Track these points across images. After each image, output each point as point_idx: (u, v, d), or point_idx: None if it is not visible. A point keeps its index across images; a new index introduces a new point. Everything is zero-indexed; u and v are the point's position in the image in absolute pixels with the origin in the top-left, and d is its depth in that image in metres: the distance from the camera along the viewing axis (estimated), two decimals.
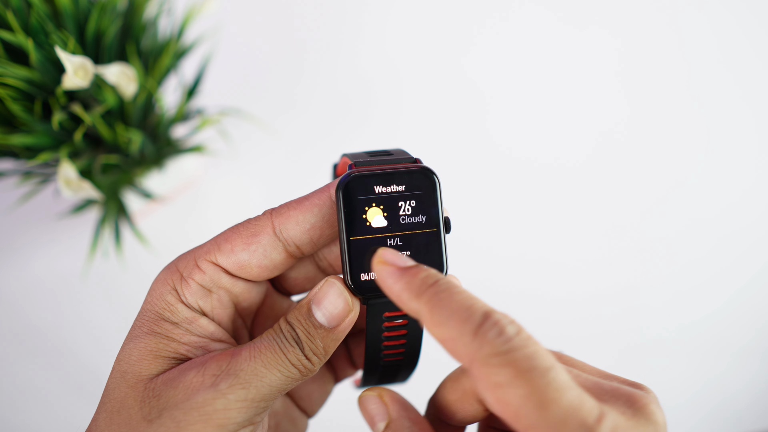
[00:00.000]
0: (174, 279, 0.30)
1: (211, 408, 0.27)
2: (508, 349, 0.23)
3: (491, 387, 0.23)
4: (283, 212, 0.30)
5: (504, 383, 0.23)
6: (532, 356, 0.23)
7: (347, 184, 0.30)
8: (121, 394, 0.29)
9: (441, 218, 0.31)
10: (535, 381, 0.23)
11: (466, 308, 0.25)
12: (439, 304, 0.25)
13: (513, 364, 0.23)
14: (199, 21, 0.66)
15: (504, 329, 0.24)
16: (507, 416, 0.23)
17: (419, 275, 0.27)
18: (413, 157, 0.32)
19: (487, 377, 0.24)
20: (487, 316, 0.24)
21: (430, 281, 0.26)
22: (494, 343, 0.24)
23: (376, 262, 0.28)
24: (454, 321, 0.25)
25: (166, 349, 0.29)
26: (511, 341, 0.24)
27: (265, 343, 0.29)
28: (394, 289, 0.27)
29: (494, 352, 0.23)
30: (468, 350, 0.24)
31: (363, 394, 0.31)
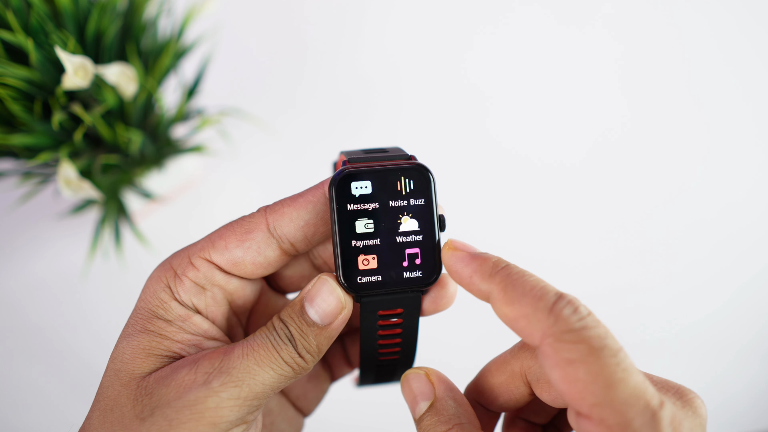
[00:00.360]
0: (168, 276, 0.30)
1: (203, 406, 0.27)
2: (582, 326, 0.24)
3: (562, 363, 0.24)
4: (277, 209, 0.30)
5: (576, 359, 0.24)
6: (604, 336, 0.24)
7: (340, 181, 0.30)
8: (114, 393, 0.29)
9: (435, 215, 0.30)
10: (606, 360, 0.24)
11: (540, 288, 0.26)
12: (513, 284, 0.27)
13: (587, 341, 0.24)
14: (199, 21, 0.66)
15: (578, 308, 0.25)
16: (572, 393, 0.24)
17: (491, 259, 0.28)
18: (408, 154, 0.31)
19: (558, 353, 0.24)
20: (561, 296, 0.26)
21: (502, 264, 0.28)
22: (569, 320, 0.25)
23: (446, 248, 0.29)
24: (528, 298, 0.26)
25: (159, 347, 0.29)
26: (585, 320, 0.25)
27: (258, 341, 0.29)
28: (465, 273, 0.28)
29: (568, 328, 0.24)
30: (542, 326, 0.25)
31: (409, 372, 0.31)
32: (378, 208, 0.30)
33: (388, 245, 0.30)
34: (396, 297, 0.30)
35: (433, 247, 0.30)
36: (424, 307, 0.32)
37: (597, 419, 0.24)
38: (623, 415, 0.23)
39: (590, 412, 0.24)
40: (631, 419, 0.23)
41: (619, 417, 0.23)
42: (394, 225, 0.30)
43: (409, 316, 0.31)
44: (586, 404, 0.24)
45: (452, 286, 0.32)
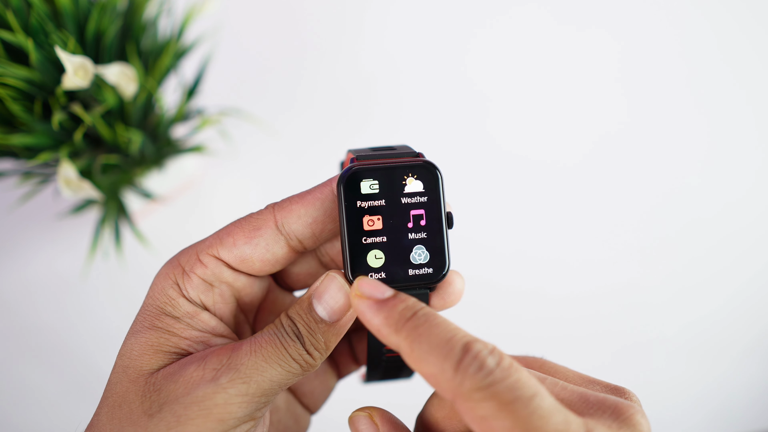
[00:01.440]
0: (176, 273, 0.30)
1: (211, 402, 0.27)
2: (489, 382, 0.23)
3: (477, 420, 0.23)
4: (286, 206, 0.30)
5: (489, 416, 0.23)
6: (514, 387, 0.23)
7: (349, 178, 0.30)
8: (122, 389, 0.29)
9: (443, 213, 0.31)
10: (519, 412, 0.23)
11: (445, 342, 0.25)
12: (418, 339, 0.25)
13: (495, 397, 0.23)
14: (199, 21, 0.66)
15: (484, 362, 0.24)
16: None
17: (397, 307, 0.27)
18: (416, 152, 0.32)
19: (471, 411, 0.24)
20: (467, 349, 0.24)
21: (408, 314, 0.26)
22: (475, 378, 0.23)
23: (353, 295, 0.28)
24: (434, 357, 0.25)
25: (167, 343, 0.29)
26: (493, 374, 0.24)
27: (266, 338, 0.29)
28: (374, 324, 0.27)
29: (476, 386, 0.23)
30: (450, 386, 0.24)
31: (353, 415, 0.30)
32: (386, 206, 0.30)
33: (396, 242, 0.30)
34: None
35: (441, 244, 0.30)
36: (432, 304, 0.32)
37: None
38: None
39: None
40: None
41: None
42: (401, 222, 0.30)
43: None
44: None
45: (459, 283, 0.32)
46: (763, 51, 0.80)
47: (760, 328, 0.68)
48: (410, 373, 0.36)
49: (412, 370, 0.36)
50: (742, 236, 0.71)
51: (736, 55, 0.79)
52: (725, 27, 0.81)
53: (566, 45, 0.80)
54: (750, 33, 0.80)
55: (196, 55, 0.72)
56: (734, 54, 0.79)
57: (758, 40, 0.80)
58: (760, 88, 0.78)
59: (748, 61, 0.79)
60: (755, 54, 0.79)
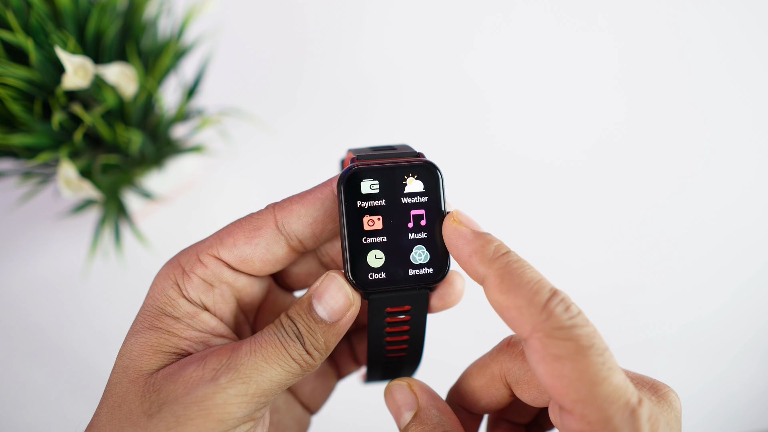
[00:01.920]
0: (176, 273, 0.30)
1: (210, 402, 0.27)
2: (572, 324, 0.25)
3: (549, 358, 0.25)
4: (286, 206, 0.30)
5: (563, 356, 0.24)
6: (592, 335, 0.25)
7: (349, 178, 0.30)
8: (122, 389, 0.29)
9: (444, 213, 0.31)
10: (592, 358, 0.24)
11: (536, 282, 0.26)
12: (510, 273, 0.27)
13: (575, 339, 0.25)
14: (199, 21, 0.66)
15: (569, 306, 0.26)
16: (557, 389, 0.25)
17: (493, 242, 0.28)
18: (416, 152, 0.31)
19: (546, 348, 0.25)
20: (555, 293, 0.26)
21: (503, 250, 0.28)
22: (561, 318, 0.25)
23: (449, 220, 0.29)
24: (524, 291, 0.26)
25: (166, 343, 0.29)
26: (575, 318, 0.25)
27: (265, 338, 0.29)
28: (464, 251, 0.28)
29: (559, 325, 0.25)
30: (534, 320, 0.25)
31: (392, 383, 0.31)
32: (386, 206, 0.30)
33: (396, 242, 0.30)
34: (404, 294, 0.30)
35: (442, 244, 0.30)
36: (431, 304, 0.32)
37: (579, 415, 0.24)
38: (604, 411, 0.24)
39: (573, 408, 0.24)
40: (611, 416, 0.24)
41: (601, 413, 0.24)
42: (402, 222, 0.30)
43: (417, 313, 0.31)
44: (569, 400, 0.24)
45: (460, 283, 0.32)
46: (762, 51, 0.80)
47: (760, 328, 0.68)
48: (410, 373, 0.36)
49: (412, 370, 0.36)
50: (742, 237, 0.71)
51: (735, 56, 0.79)
52: (725, 27, 0.81)
53: (566, 45, 0.80)
54: (750, 33, 0.80)
55: (196, 55, 0.72)
56: (734, 54, 0.79)
57: (758, 40, 0.80)
58: (760, 88, 0.78)
59: (747, 61, 0.79)
60: (755, 54, 0.80)
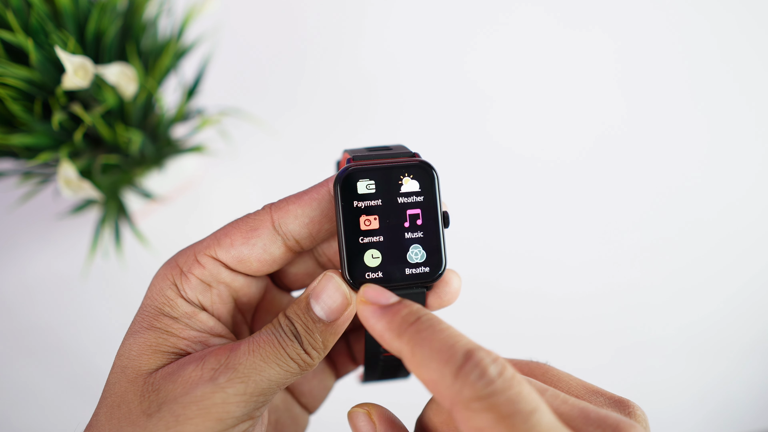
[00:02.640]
0: (174, 274, 0.30)
1: (209, 402, 0.27)
2: (489, 392, 0.23)
3: (473, 431, 0.23)
4: (282, 206, 0.30)
5: (485, 428, 0.22)
6: (514, 400, 0.23)
7: (345, 178, 0.30)
8: (121, 389, 0.29)
9: (440, 212, 0.31)
10: (517, 427, 0.22)
11: (447, 347, 0.24)
12: (420, 343, 0.25)
13: (494, 408, 0.22)
14: (199, 21, 0.66)
15: (486, 370, 0.23)
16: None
17: (400, 313, 0.26)
18: (412, 152, 0.32)
19: (468, 421, 0.23)
20: (469, 356, 0.24)
21: (411, 319, 0.26)
22: (475, 387, 0.23)
23: (358, 301, 0.28)
24: (435, 362, 0.24)
25: (165, 343, 0.29)
26: (493, 384, 0.23)
27: (264, 338, 0.29)
28: (377, 329, 0.27)
29: (475, 396, 0.23)
30: (449, 393, 0.23)
31: (351, 410, 0.30)
32: (382, 205, 0.30)
33: (392, 242, 0.30)
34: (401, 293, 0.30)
35: (437, 243, 0.30)
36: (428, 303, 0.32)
37: None
38: None
39: None
40: None
41: None
42: (398, 222, 0.30)
43: None
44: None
45: (456, 282, 0.32)
46: (762, 50, 0.80)
47: (760, 328, 0.68)
48: (408, 373, 0.36)
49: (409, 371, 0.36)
50: (742, 236, 0.71)
51: (735, 55, 0.79)
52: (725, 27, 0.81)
53: (566, 44, 0.80)
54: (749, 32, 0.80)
55: (196, 55, 0.72)
56: (734, 53, 0.79)
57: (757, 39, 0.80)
58: (760, 87, 0.78)
59: (747, 60, 0.79)
60: (755, 53, 0.79)
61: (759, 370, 0.66)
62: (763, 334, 0.68)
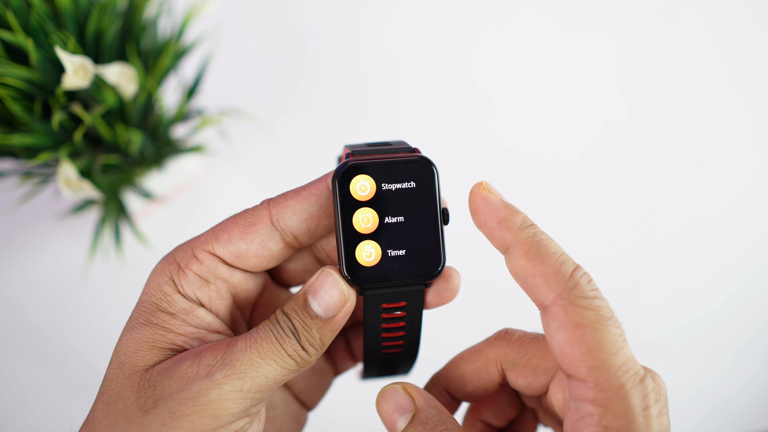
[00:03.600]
0: (171, 269, 0.30)
1: (206, 398, 0.27)
2: (595, 295, 0.27)
3: (570, 326, 0.26)
4: (281, 202, 0.30)
5: (584, 324, 0.26)
6: (610, 309, 0.27)
7: (343, 173, 0.30)
8: (117, 385, 0.29)
9: (439, 209, 0.30)
10: (611, 329, 0.26)
11: (561, 254, 0.28)
12: (538, 243, 0.28)
13: (598, 309, 0.26)
14: (199, 21, 0.66)
15: (592, 280, 0.27)
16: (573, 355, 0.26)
17: (520, 214, 0.29)
18: (411, 147, 0.31)
19: (569, 315, 0.26)
20: (579, 266, 0.28)
21: (529, 222, 0.29)
22: (585, 288, 0.27)
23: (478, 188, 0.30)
24: (551, 260, 0.27)
25: (162, 339, 0.29)
26: (597, 291, 0.27)
27: (261, 334, 0.29)
28: (492, 219, 0.29)
29: (584, 295, 0.26)
30: (559, 287, 0.27)
31: (387, 387, 0.31)
32: (381, 201, 0.30)
33: (391, 238, 0.30)
34: (399, 290, 0.30)
35: (437, 240, 0.30)
36: (427, 300, 0.32)
37: (593, 382, 0.26)
38: (618, 379, 0.26)
39: (587, 375, 0.26)
40: (624, 383, 0.26)
41: (615, 381, 0.26)
42: (397, 218, 0.30)
43: (413, 309, 0.31)
44: (585, 367, 0.26)
45: (456, 279, 0.32)
46: (761, 49, 0.80)
47: (760, 327, 0.68)
48: (407, 369, 0.36)
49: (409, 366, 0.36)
50: (743, 236, 0.71)
51: (734, 54, 0.79)
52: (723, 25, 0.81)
53: (566, 44, 0.80)
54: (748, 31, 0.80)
55: (196, 55, 0.72)
56: (733, 52, 0.79)
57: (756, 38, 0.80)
58: (759, 86, 0.78)
59: (746, 59, 0.79)
60: (753, 52, 0.79)
61: (759, 370, 0.66)
62: (764, 333, 0.67)
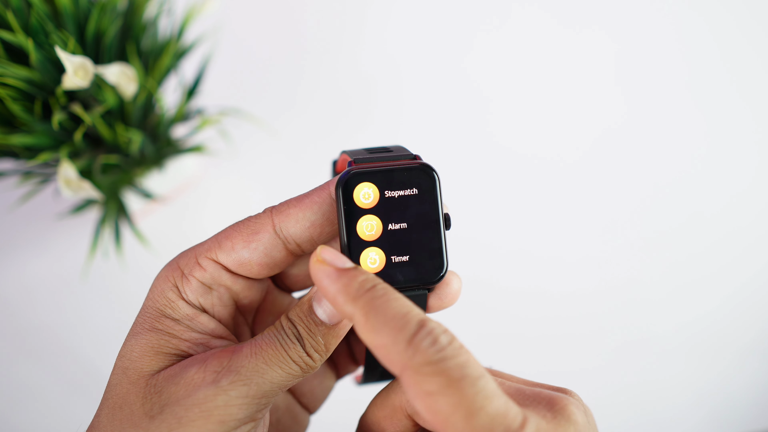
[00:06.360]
0: (175, 276, 0.30)
1: (212, 404, 0.27)
2: (440, 358, 0.24)
3: (422, 395, 0.24)
4: (283, 210, 0.30)
5: (435, 392, 0.24)
6: (463, 365, 0.24)
7: (347, 181, 0.30)
8: (122, 390, 0.29)
9: (441, 214, 0.31)
10: (465, 390, 0.24)
11: (401, 316, 0.25)
12: (375, 310, 0.26)
13: (444, 373, 0.24)
14: (199, 21, 0.66)
15: (437, 339, 0.24)
16: (436, 424, 0.24)
17: (357, 278, 0.27)
18: (413, 154, 0.32)
19: (418, 385, 0.24)
20: (422, 325, 0.25)
21: (368, 285, 0.27)
22: (427, 353, 0.24)
23: (313, 260, 0.28)
24: (388, 328, 0.25)
25: (167, 345, 0.29)
26: (444, 350, 0.24)
27: (266, 340, 0.29)
28: (330, 291, 0.27)
29: (427, 361, 0.24)
30: (401, 358, 0.24)
31: None
32: (384, 208, 0.30)
33: (394, 244, 0.30)
34: None
35: (439, 245, 0.30)
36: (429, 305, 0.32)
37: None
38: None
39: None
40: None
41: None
42: (399, 224, 0.30)
43: None
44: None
45: (456, 283, 0.32)
46: (760, 47, 0.80)
47: (760, 327, 0.68)
48: None
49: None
50: (742, 234, 0.71)
51: (734, 52, 0.79)
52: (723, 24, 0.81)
53: (565, 44, 0.80)
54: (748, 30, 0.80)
55: (196, 55, 0.72)
56: (732, 51, 0.79)
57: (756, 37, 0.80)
58: (758, 84, 0.78)
59: (745, 57, 0.79)
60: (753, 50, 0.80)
61: (759, 370, 0.67)
62: (764, 333, 0.68)
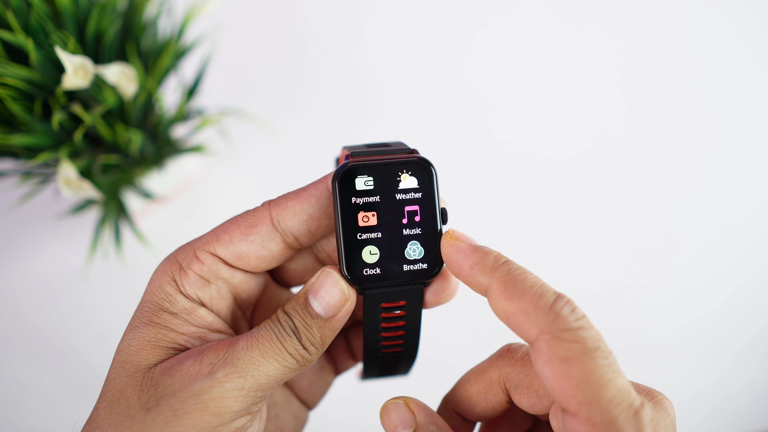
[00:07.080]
0: (173, 270, 0.30)
1: (207, 396, 0.27)
2: (578, 326, 0.25)
3: (555, 360, 0.25)
4: (281, 203, 0.30)
5: (570, 358, 0.25)
6: (597, 338, 0.25)
7: (344, 174, 0.30)
8: (120, 384, 0.29)
9: (438, 208, 0.31)
10: (598, 360, 0.25)
11: (539, 286, 0.27)
12: (513, 279, 0.27)
13: (582, 341, 0.25)
14: (199, 21, 0.66)
15: (575, 308, 0.26)
16: (562, 390, 0.25)
17: (491, 254, 0.29)
18: (410, 148, 0.32)
19: (553, 350, 0.25)
20: (560, 296, 0.26)
21: (502, 259, 0.29)
22: (567, 320, 0.25)
23: (446, 238, 0.30)
24: (528, 295, 0.26)
25: (164, 339, 0.30)
26: (581, 320, 0.26)
27: (262, 333, 0.29)
28: (464, 265, 0.29)
29: (566, 327, 0.25)
30: (540, 322, 0.26)
31: (389, 403, 0.31)
32: (381, 202, 0.30)
33: (390, 238, 0.30)
34: (399, 290, 0.31)
35: (436, 239, 0.31)
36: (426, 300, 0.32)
37: (584, 417, 0.25)
38: (609, 413, 0.24)
39: (578, 410, 0.25)
40: (616, 417, 0.24)
41: (606, 415, 0.24)
42: (396, 218, 0.30)
43: (412, 308, 0.32)
44: (574, 401, 0.25)
45: (454, 278, 0.32)
46: (761, 49, 0.80)
47: (760, 327, 0.68)
48: (407, 369, 0.36)
49: (408, 366, 0.36)
50: (743, 236, 0.71)
51: (735, 54, 0.79)
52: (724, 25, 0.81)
53: (567, 44, 0.80)
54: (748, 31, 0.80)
55: (196, 55, 0.72)
56: (733, 52, 0.79)
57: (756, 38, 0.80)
58: (759, 86, 0.78)
59: (746, 59, 0.79)
60: (754, 52, 0.80)
61: (759, 370, 0.66)
62: (763, 334, 0.68)
